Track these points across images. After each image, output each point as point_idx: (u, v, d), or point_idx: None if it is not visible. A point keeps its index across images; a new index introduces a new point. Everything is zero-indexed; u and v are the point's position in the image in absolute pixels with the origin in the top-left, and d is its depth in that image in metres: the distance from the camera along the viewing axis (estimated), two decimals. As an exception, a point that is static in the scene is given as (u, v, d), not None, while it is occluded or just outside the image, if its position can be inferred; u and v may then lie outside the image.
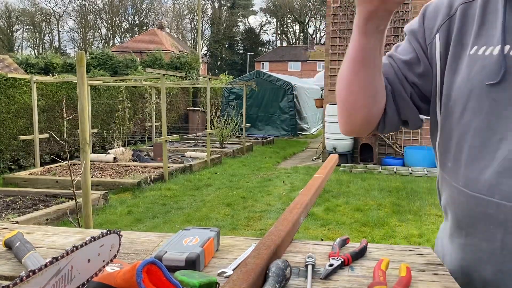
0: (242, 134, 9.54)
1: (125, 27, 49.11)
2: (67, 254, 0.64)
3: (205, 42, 50.69)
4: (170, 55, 20.50)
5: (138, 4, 48.28)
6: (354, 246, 0.92)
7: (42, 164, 6.73)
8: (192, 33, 50.64)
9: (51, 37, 48.02)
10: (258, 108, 12.14)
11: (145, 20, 49.33)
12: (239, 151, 8.67)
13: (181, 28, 49.95)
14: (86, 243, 0.68)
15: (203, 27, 50.38)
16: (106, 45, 44.76)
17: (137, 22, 48.97)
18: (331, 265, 0.80)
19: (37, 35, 47.10)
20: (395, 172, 6.56)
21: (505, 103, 0.64)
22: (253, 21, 79.98)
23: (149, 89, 9.69)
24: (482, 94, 0.67)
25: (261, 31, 55.88)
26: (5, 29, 43.85)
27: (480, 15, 0.70)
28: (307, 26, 52.76)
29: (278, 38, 55.45)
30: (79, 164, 4.19)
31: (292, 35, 55.19)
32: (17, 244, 0.88)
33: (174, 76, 10.65)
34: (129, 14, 48.62)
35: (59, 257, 0.62)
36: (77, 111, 2.90)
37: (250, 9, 53.79)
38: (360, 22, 0.66)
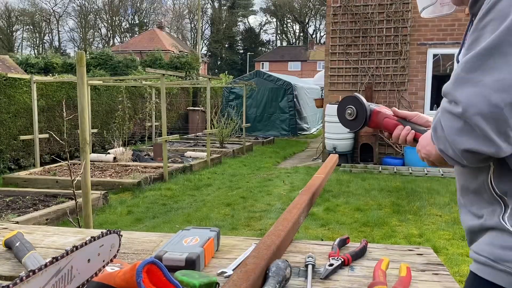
0: (242, 134, 9.53)
1: (125, 27, 49.10)
2: (67, 254, 0.64)
3: (205, 42, 50.69)
4: (170, 55, 20.48)
5: (138, 4, 48.26)
6: (354, 246, 0.92)
7: (42, 164, 6.72)
8: (192, 33, 50.63)
9: (51, 37, 48.02)
10: (258, 108, 12.13)
11: (145, 20, 49.30)
12: (239, 151, 8.66)
13: (181, 28, 49.92)
14: (86, 243, 0.68)
15: (203, 27, 50.38)
16: (106, 45, 44.75)
17: (137, 22, 48.94)
18: (331, 265, 0.80)
19: (37, 35, 47.08)
20: (395, 172, 6.56)
21: None
22: (253, 21, 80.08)
23: (149, 89, 9.69)
24: None
25: (261, 31, 55.86)
26: (5, 29, 43.82)
27: None
28: (307, 26, 52.76)
29: (278, 38, 55.45)
30: (79, 164, 4.19)
31: (292, 35, 55.19)
32: (17, 244, 0.88)
33: (174, 76, 10.64)
34: (129, 14, 48.61)
35: (59, 257, 0.62)
36: (77, 111, 2.90)
37: (250, 9, 53.75)
38: None
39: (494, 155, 0.72)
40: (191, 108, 12.31)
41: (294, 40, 53.90)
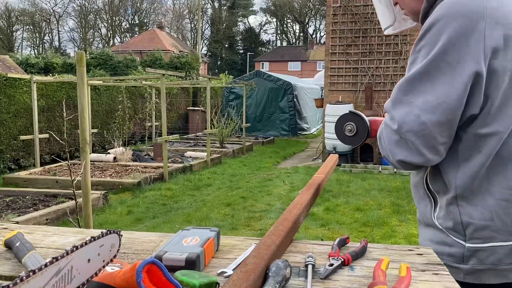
0: (242, 134, 9.53)
1: (125, 27, 49.10)
2: (67, 254, 0.64)
3: (205, 42, 50.69)
4: (170, 55, 20.49)
5: (138, 4, 48.25)
6: (354, 246, 0.92)
7: (42, 164, 6.72)
8: (192, 33, 50.64)
9: (51, 37, 48.02)
10: (258, 108, 12.13)
11: (145, 20, 49.30)
12: (239, 151, 8.66)
13: (181, 28, 49.91)
14: (86, 243, 0.68)
15: (203, 27, 50.38)
16: (106, 45, 44.75)
17: (137, 22, 48.94)
18: (331, 265, 0.80)
19: (37, 35, 47.08)
20: (395, 172, 6.56)
21: None
22: (253, 21, 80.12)
23: (149, 89, 9.69)
24: None
25: (261, 31, 55.86)
26: (5, 29, 43.82)
27: None
28: (307, 26, 52.75)
29: (278, 38, 55.44)
30: (79, 164, 4.19)
31: (292, 35, 55.18)
32: (17, 244, 0.88)
33: (174, 76, 10.64)
34: (129, 14, 48.60)
35: (59, 257, 0.62)
36: (77, 111, 2.90)
37: (250, 9, 53.74)
38: None
39: (424, 165, 0.85)
40: (191, 108, 12.32)
41: (294, 40, 53.90)
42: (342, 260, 0.82)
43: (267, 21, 56.73)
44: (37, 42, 47.24)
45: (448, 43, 0.79)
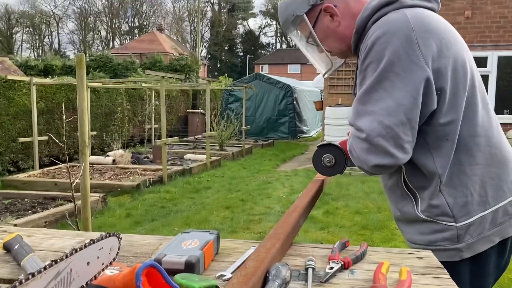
0: (241, 136, 9.53)
1: (125, 29, 49.18)
2: (66, 257, 0.63)
3: (205, 44, 50.78)
4: (169, 57, 20.51)
5: (138, 7, 48.38)
6: (354, 249, 0.92)
7: (41, 167, 6.71)
8: (192, 36, 50.73)
9: (50, 39, 48.10)
10: (258, 111, 12.14)
11: (145, 23, 49.41)
12: (239, 154, 8.66)
13: (180, 31, 50.01)
14: (85, 246, 0.68)
15: (203, 29, 50.49)
16: (105, 47, 44.82)
17: (137, 24, 49.05)
18: (331, 268, 0.80)
19: (37, 37, 47.16)
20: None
21: None
22: (253, 23, 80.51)
23: (149, 91, 9.69)
24: None
25: (261, 33, 56.00)
26: (4, 31, 43.89)
27: None
28: (306, 29, 52.73)
29: (277, 40, 55.57)
30: (78, 167, 4.18)
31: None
32: (16, 247, 0.88)
33: (173, 78, 10.64)
34: (129, 16, 48.71)
35: (58, 260, 0.62)
36: (76, 113, 2.90)
37: (250, 11, 53.90)
38: None
39: (395, 165, 0.91)
40: (190, 110, 12.31)
41: (293, 43, 53.99)
42: (342, 263, 0.82)
43: (266, 23, 56.89)
44: (37, 44, 47.31)
45: (393, 56, 0.88)
